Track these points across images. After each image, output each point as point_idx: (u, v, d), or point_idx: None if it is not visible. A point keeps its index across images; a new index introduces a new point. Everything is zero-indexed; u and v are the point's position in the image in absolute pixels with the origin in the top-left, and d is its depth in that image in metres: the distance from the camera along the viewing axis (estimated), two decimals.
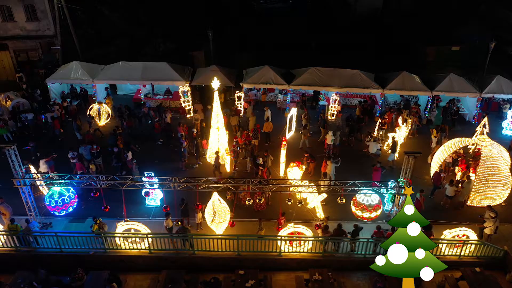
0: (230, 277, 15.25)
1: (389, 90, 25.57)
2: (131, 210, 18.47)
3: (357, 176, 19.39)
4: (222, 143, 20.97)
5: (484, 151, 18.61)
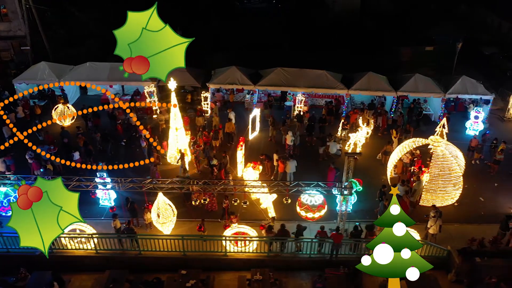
0: (174, 277, 15.36)
1: (354, 90, 25.67)
2: (84, 210, 18.38)
3: (314, 176, 19.61)
4: (181, 143, 21.10)
5: (435, 151, 18.72)
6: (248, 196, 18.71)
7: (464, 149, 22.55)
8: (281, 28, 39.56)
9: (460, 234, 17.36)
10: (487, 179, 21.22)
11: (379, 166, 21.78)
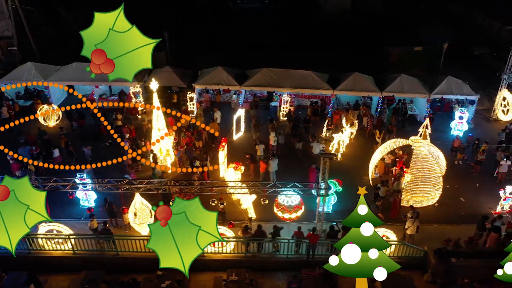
0: (150, 278, 15.38)
1: (339, 91, 25.70)
2: (64, 211, 18.70)
3: (297, 176, 19.63)
4: (164, 144, 21.13)
5: (415, 152, 18.75)
6: (229, 196, 18.74)
7: (448, 149, 22.67)
8: (272, 28, 39.52)
9: (438, 235, 17.34)
10: (469, 180, 21.24)
11: (362, 166, 21.78)
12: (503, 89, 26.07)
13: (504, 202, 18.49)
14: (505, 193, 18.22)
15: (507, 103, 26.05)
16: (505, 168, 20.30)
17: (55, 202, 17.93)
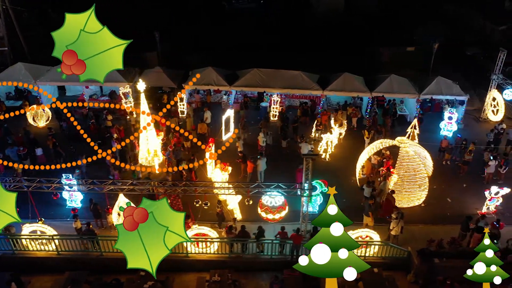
0: (133, 279, 15.39)
1: (329, 91, 25.71)
2: (50, 211, 18.70)
3: (285, 176, 19.65)
4: (152, 144, 21.14)
5: (401, 152, 18.78)
6: (216, 197, 18.75)
7: (436, 150, 22.69)
8: (265, 28, 39.53)
9: (423, 235, 17.33)
10: (456, 180, 21.27)
11: (350, 167, 21.78)
12: (492, 90, 26.09)
13: (490, 203, 18.52)
14: (490, 193, 18.24)
15: (497, 103, 26.07)
16: (492, 168, 20.32)
17: (41, 202, 18.05)
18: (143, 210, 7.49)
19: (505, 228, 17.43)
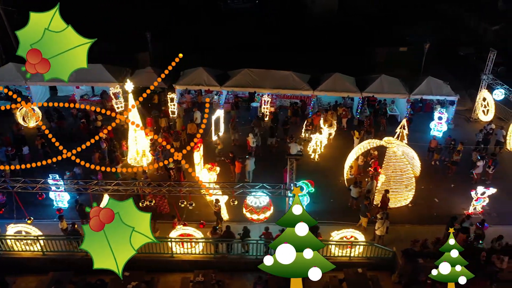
0: (117, 279, 15.35)
1: (320, 91, 25.72)
2: (38, 212, 18.68)
3: (273, 176, 19.64)
4: (141, 144, 21.15)
5: (388, 152, 18.79)
6: (204, 197, 18.77)
7: (426, 150, 22.71)
8: (259, 28, 39.59)
9: (410, 235, 17.27)
10: (445, 180, 21.27)
11: (339, 167, 21.78)
12: (483, 90, 26.09)
13: (476, 203, 18.53)
14: (476, 193, 18.25)
15: (487, 103, 26.08)
16: (480, 169, 20.32)
17: (28, 203, 18.11)
18: (109, 210, 7.49)
19: (491, 228, 17.51)
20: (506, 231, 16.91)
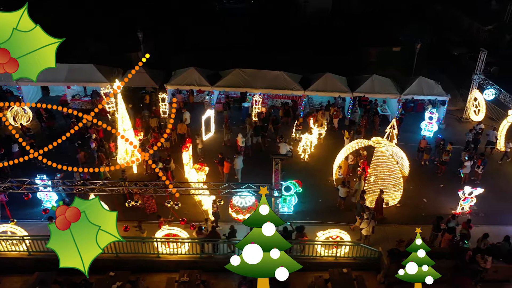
0: (102, 279, 15.38)
1: (311, 91, 25.72)
2: (25, 212, 18.68)
3: (262, 176, 19.58)
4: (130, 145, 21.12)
5: (376, 152, 18.79)
6: (192, 197, 18.78)
7: (416, 150, 22.71)
8: (252, 28, 39.57)
9: (397, 235, 17.29)
10: (434, 180, 21.29)
11: (328, 167, 21.78)
12: (474, 90, 26.10)
13: (464, 203, 18.53)
14: (464, 193, 18.25)
15: (478, 103, 26.09)
16: (468, 169, 20.32)
17: (17, 202, 18.14)
18: (75, 209, 7.51)
19: (478, 228, 17.51)
20: (492, 230, 16.92)
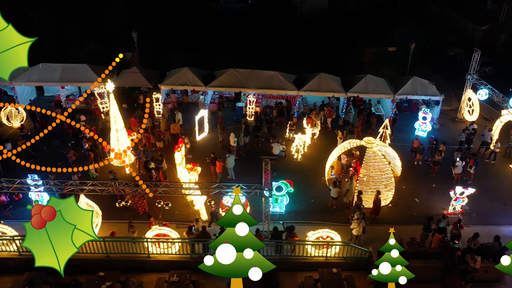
0: (92, 279, 15.38)
1: (305, 91, 25.71)
2: (16, 212, 18.68)
3: (254, 176, 19.53)
4: (123, 145, 21.11)
5: (367, 152, 18.78)
6: (184, 197, 18.78)
7: (409, 150, 22.70)
8: (249, 28, 39.54)
9: (387, 236, 17.08)
10: (427, 180, 21.28)
11: (321, 167, 21.75)
12: (467, 90, 26.09)
13: (455, 203, 18.53)
14: (455, 193, 18.25)
15: (472, 103, 26.09)
16: (459, 169, 20.31)
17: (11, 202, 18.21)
18: (51, 208, 7.50)
19: (470, 228, 17.50)
20: (483, 230, 16.93)
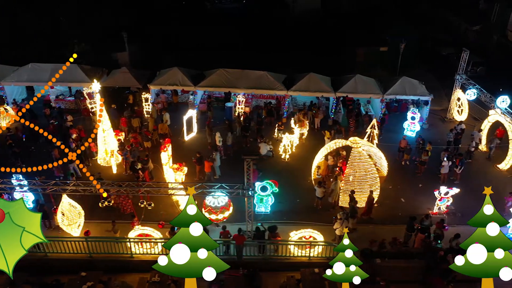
0: (74, 279, 15.36)
1: (294, 91, 25.70)
2: None
3: (241, 176, 19.59)
4: (109, 144, 21.12)
5: (352, 152, 18.77)
6: (170, 197, 18.77)
7: (397, 150, 22.70)
8: (241, 28, 39.53)
9: (372, 236, 17.28)
10: (413, 180, 21.26)
11: (308, 167, 21.72)
12: (457, 90, 26.09)
13: (440, 203, 18.52)
14: (440, 193, 18.24)
15: (461, 103, 26.09)
16: (446, 169, 20.31)
17: None
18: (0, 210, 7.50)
19: (454, 228, 17.46)
20: (467, 230, 16.81)
